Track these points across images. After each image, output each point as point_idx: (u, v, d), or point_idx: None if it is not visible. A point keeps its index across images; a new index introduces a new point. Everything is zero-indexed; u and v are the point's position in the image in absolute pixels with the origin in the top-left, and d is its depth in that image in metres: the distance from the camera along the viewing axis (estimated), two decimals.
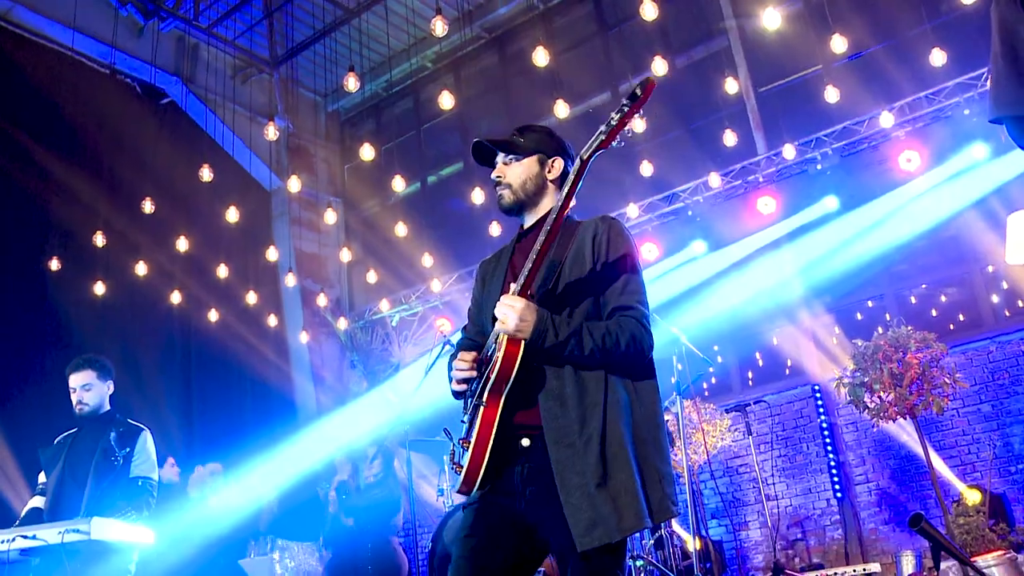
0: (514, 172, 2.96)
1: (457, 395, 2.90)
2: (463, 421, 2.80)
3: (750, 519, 10.07)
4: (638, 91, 2.55)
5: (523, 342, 2.60)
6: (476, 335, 3.04)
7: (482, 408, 2.64)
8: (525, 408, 2.68)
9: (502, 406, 2.64)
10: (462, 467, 2.68)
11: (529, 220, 3.02)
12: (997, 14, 1.76)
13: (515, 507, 2.69)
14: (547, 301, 2.73)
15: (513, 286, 2.69)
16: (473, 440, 2.64)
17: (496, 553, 2.67)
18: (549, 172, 2.99)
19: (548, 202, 2.99)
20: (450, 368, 2.91)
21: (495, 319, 2.69)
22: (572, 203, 2.77)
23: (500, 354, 2.59)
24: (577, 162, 2.66)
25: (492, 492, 2.73)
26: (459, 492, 2.73)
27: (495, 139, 2.97)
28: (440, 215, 13.42)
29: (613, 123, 2.59)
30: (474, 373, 2.76)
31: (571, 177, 2.66)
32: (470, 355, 2.81)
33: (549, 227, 2.64)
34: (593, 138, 2.62)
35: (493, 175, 2.99)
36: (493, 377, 2.61)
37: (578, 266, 2.80)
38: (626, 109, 2.57)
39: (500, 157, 2.98)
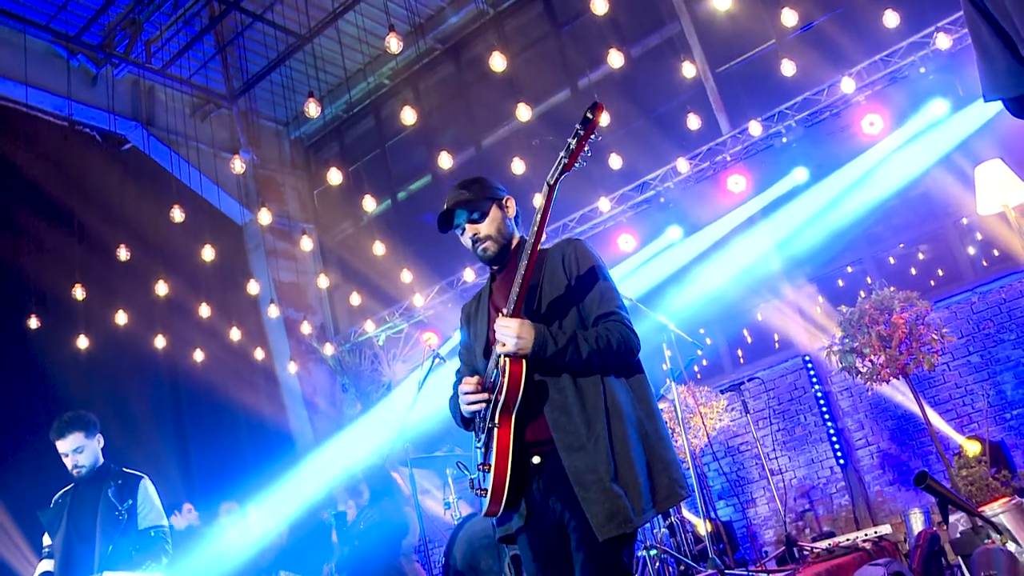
0: (486, 225, 3.15)
1: (466, 424, 3.11)
2: (478, 447, 2.97)
3: (757, 496, 10.11)
4: (589, 115, 2.74)
5: (524, 361, 2.81)
6: (470, 375, 3.18)
7: (496, 430, 2.82)
8: (532, 424, 2.87)
9: (514, 424, 2.83)
10: (486, 490, 2.85)
11: (502, 258, 3.20)
12: (966, 11, 1.79)
13: (552, 519, 2.89)
14: (534, 321, 2.90)
15: (503, 311, 2.88)
16: (493, 462, 2.82)
17: (570, 571, 2.85)
18: (508, 212, 3.22)
19: (515, 238, 3.22)
20: (451, 403, 3.18)
21: (487, 352, 2.97)
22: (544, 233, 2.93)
23: (505, 376, 2.78)
24: (545, 188, 2.86)
25: (527, 524, 2.93)
26: (487, 515, 2.92)
27: (460, 203, 3.12)
28: (414, 230, 13.40)
29: (572, 148, 2.77)
30: (485, 395, 2.92)
31: (542, 202, 2.86)
32: (474, 379, 2.98)
33: (529, 253, 2.82)
34: (556, 164, 2.82)
35: (468, 236, 3.16)
36: (502, 399, 2.79)
37: (555, 287, 3.02)
38: (581, 133, 2.75)
39: (463, 219, 3.14)
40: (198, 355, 11.43)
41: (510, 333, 2.79)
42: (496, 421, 2.81)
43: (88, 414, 5.08)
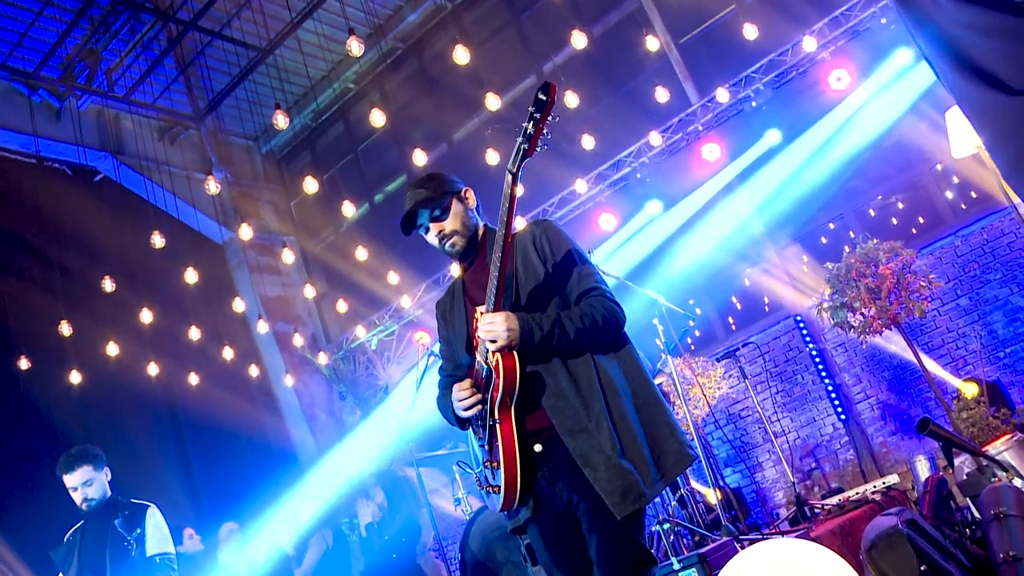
0: (451, 221, 3.10)
1: (462, 424, 3.09)
2: (482, 447, 2.95)
3: (763, 459, 10.16)
4: (542, 96, 2.69)
5: (515, 353, 2.79)
6: (454, 370, 3.22)
7: (498, 426, 2.82)
8: (531, 413, 2.87)
9: (515, 417, 2.82)
10: (498, 487, 2.85)
11: (471, 252, 3.17)
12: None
13: (560, 505, 2.89)
14: (515, 310, 2.90)
15: (482, 308, 2.87)
16: (501, 458, 2.81)
17: (584, 554, 2.87)
18: (469, 203, 3.18)
19: (480, 229, 3.19)
20: (440, 404, 3.18)
21: (469, 347, 2.98)
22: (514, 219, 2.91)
23: (500, 371, 2.76)
24: (507, 176, 2.78)
25: (535, 513, 2.94)
26: (503, 509, 2.92)
27: (420, 202, 3.07)
28: (395, 231, 13.10)
29: (530, 132, 2.72)
30: (478, 398, 2.90)
31: (506, 191, 2.78)
32: (466, 383, 2.95)
33: (502, 244, 2.77)
34: (515, 151, 2.76)
35: (434, 235, 3.11)
36: (500, 395, 2.79)
37: (531, 273, 2.99)
38: (537, 117, 2.70)
39: (425, 218, 3.10)
40: (193, 378, 11.38)
41: (498, 327, 2.76)
42: (496, 417, 2.81)
43: (94, 447, 5.07)
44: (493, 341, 2.78)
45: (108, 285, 10.02)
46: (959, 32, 1.49)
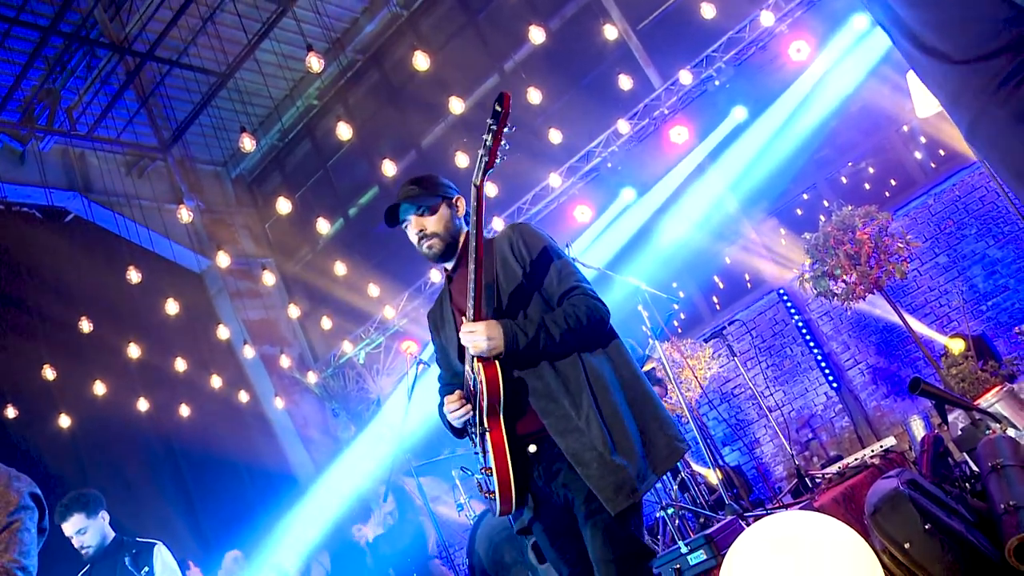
0: (434, 222, 3.10)
1: (458, 433, 3.12)
2: (476, 453, 2.97)
3: (760, 435, 10.19)
4: (498, 107, 2.73)
5: (497, 362, 2.81)
6: (451, 379, 3.23)
7: (488, 434, 2.84)
8: (522, 417, 2.89)
9: (504, 424, 2.84)
10: (494, 492, 2.86)
11: (452, 260, 3.18)
12: None
13: (557, 503, 2.91)
14: (499, 317, 2.92)
15: (465, 318, 2.87)
16: (493, 465, 2.83)
17: (582, 560, 2.89)
18: (459, 211, 3.18)
19: (462, 236, 3.18)
20: (440, 412, 3.14)
21: (462, 356, 2.95)
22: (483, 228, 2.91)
23: (483, 381, 2.78)
24: (473, 190, 2.83)
25: (536, 513, 2.96)
26: (501, 515, 2.94)
27: (409, 197, 3.08)
28: (372, 243, 13.33)
29: (489, 144, 2.75)
30: (468, 409, 2.92)
31: (473, 204, 2.83)
32: (455, 396, 2.97)
33: (474, 255, 2.80)
34: (477, 164, 2.79)
35: (414, 230, 3.11)
36: (486, 403, 2.80)
37: (512, 278, 3.00)
38: (494, 128, 2.74)
39: (410, 213, 3.10)
40: (184, 410, 11.31)
41: (478, 337, 2.78)
42: (486, 425, 2.83)
43: (89, 492, 5.01)
44: (475, 348, 2.79)
45: (85, 325, 9.93)
46: (903, 6, 1.57)
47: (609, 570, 2.71)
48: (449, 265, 3.20)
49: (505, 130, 2.75)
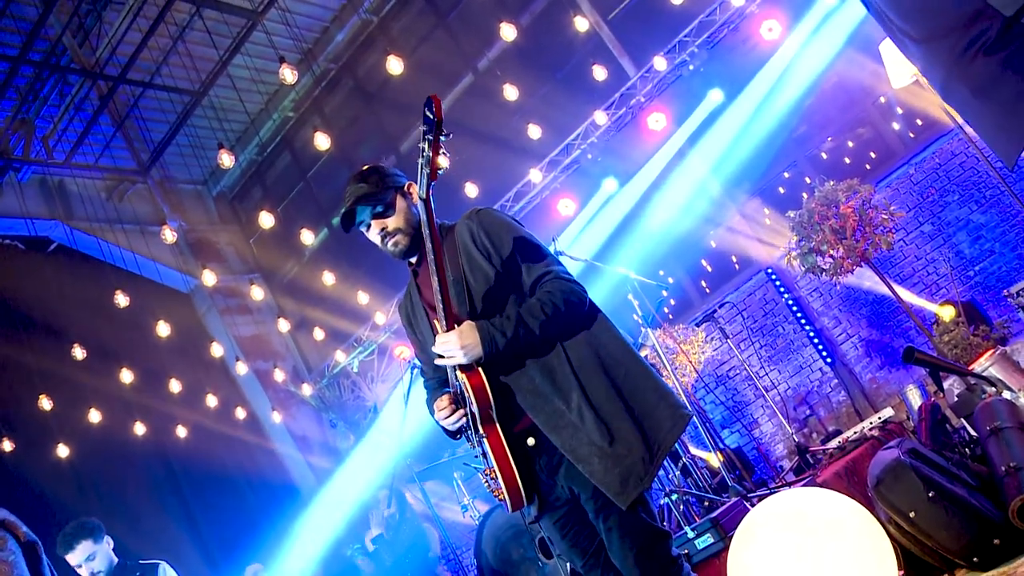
0: (394, 218, 2.96)
1: (452, 435, 2.99)
2: (477, 457, 2.91)
3: (758, 415, 10.22)
4: (428, 113, 2.56)
5: (480, 370, 2.71)
6: (433, 373, 3.13)
7: (486, 439, 2.76)
8: (516, 416, 2.81)
9: (500, 426, 2.76)
10: (502, 491, 2.79)
11: (415, 251, 3.04)
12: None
13: (563, 495, 2.84)
14: (474, 317, 2.81)
15: (439, 327, 2.76)
16: (496, 467, 2.76)
17: (595, 536, 2.84)
18: (413, 198, 3.02)
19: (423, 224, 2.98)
20: (430, 410, 3.02)
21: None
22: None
23: (469, 391, 2.70)
24: (421, 204, 2.70)
25: (542, 507, 2.88)
26: (513, 511, 2.85)
27: (361, 198, 2.93)
28: (357, 251, 13.29)
29: (428, 154, 2.61)
30: (461, 414, 2.84)
31: (424, 219, 2.70)
32: (444, 400, 2.88)
33: (435, 266, 2.67)
34: (420, 178, 2.66)
35: (376, 231, 2.98)
36: (477, 411, 2.72)
37: (479, 273, 2.86)
38: (430, 137, 2.59)
39: (366, 214, 2.96)
40: (181, 431, 11.28)
41: (452, 348, 2.69)
42: (482, 431, 2.75)
43: (90, 519, 4.99)
44: (451, 358, 2.71)
45: (78, 353, 9.89)
46: None
47: (629, 562, 2.67)
48: (413, 259, 3.07)
49: (443, 137, 2.60)
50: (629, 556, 2.66)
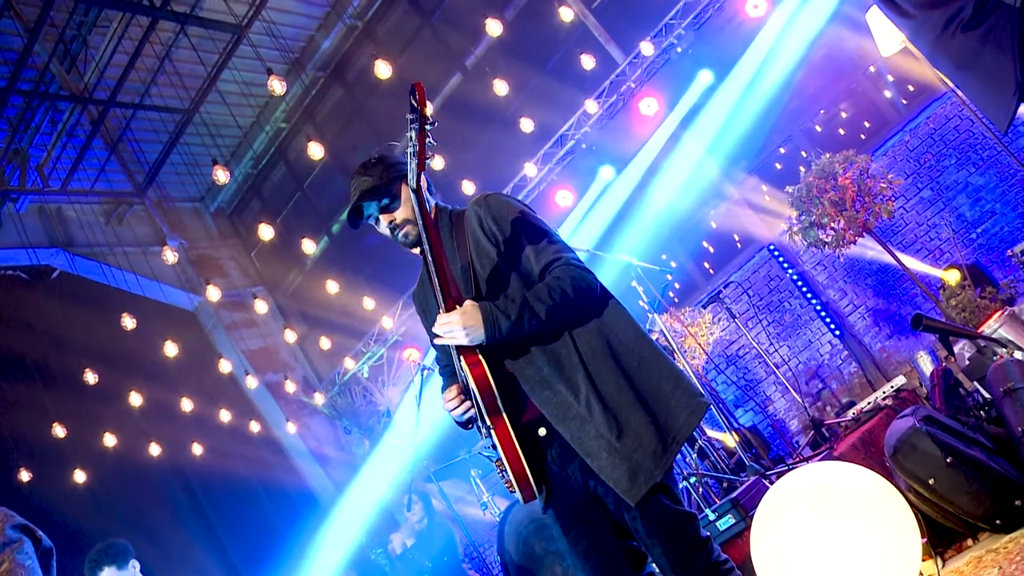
0: (401, 210, 2.90)
1: (464, 425, 2.92)
2: (487, 448, 2.85)
3: (770, 392, 10.21)
4: (413, 101, 2.54)
5: (483, 358, 2.62)
6: (448, 363, 3.02)
7: (493, 431, 2.66)
8: (524, 406, 2.74)
9: (508, 416, 2.66)
10: (512, 484, 2.72)
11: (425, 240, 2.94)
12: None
13: (575, 488, 2.76)
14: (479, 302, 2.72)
15: (440, 310, 2.68)
16: (505, 459, 2.68)
17: (604, 539, 2.75)
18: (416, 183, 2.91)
19: (432, 212, 2.98)
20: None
21: (457, 351, 2.69)
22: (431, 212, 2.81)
23: (471, 379, 2.62)
24: (412, 196, 2.68)
25: (551, 499, 2.79)
26: (527, 502, 2.77)
27: (366, 192, 2.88)
28: (359, 257, 13.32)
29: (415, 142, 2.58)
30: (468, 406, 2.78)
31: (416, 208, 2.69)
32: (452, 391, 2.83)
33: (430, 251, 2.66)
34: (409, 167, 2.64)
35: (384, 225, 2.93)
36: (483, 403, 2.63)
37: (486, 258, 2.79)
38: (416, 126, 2.56)
39: (374, 208, 2.91)
40: (197, 448, 11.30)
41: (454, 328, 2.59)
42: (489, 423, 2.66)
43: (116, 542, 4.95)
44: (452, 339, 2.62)
45: (91, 378, 9.91)
46: None
47: (658, 551, 2.61)
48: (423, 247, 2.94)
49: (428, 126, 2.57)
50: (657, 544, 2.60)
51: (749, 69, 9.84)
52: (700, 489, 5.64)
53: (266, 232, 10.40)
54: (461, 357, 2.64)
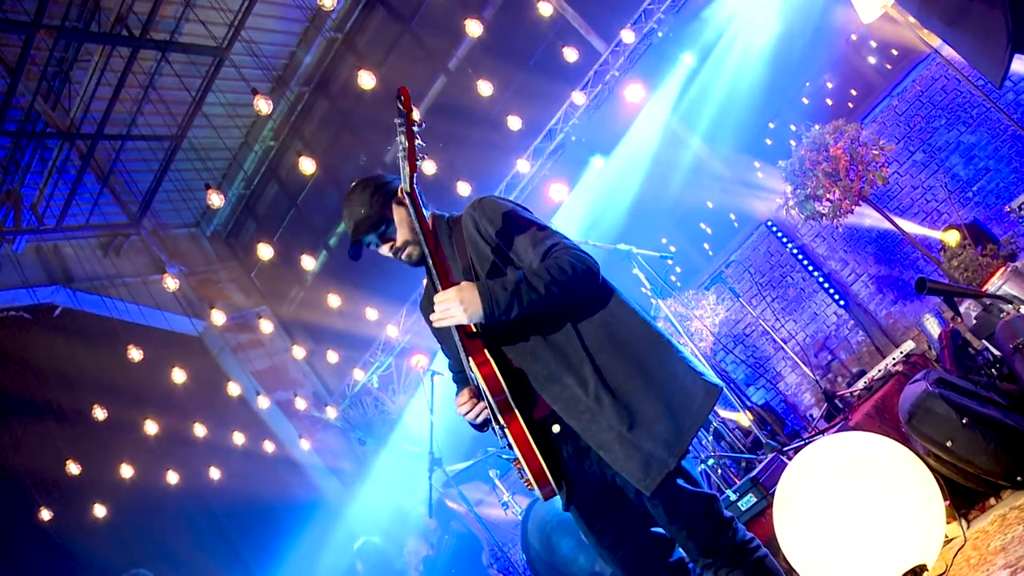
0: (400, 233, 2.92)
1: (479, 427, 2.92)
2: (503, 448, 2.87)
3: (781, 368, 10.21)
4: (399, 106, 2.60)
5: (489, 357, 2.62)
6: (460, 368, 3.02)
7: (507, 429, 2.66)
8: (535, 402, 2.74)
9: (520, 414, 2.66)
10: (531, 482, 2.71)
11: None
12: None
13: (594, 481, 2.78)
14: None
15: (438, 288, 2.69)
16: (521, 457, 2.67)
17: (629, 529, 2.77)
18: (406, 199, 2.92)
19: (429, 223, 2.97)
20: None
21: (465, 352, 2.68)
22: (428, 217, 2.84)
23: (480, 378, 2.62)
24: (406, 199, 2.73)
25: (570, 494, 2.79)
26: (546, 499, 2.78)
27: (361, 224, 2.89)
28: (359, 269, 13.29)
29: (404, 145, 2.64)
30: (481, 407, 2.79)
31: (411, 211, 2.73)
32: (464, 396, 2.85)
33: (427, 247, 2.71)
34: (401, 171, 2.69)
35: (386, 251, 2.96)
36: (494, 401, 2.63)
37: (485, 261, 2.81)
38: (403, 129, 2.62)
39: (373, 238, 2.92)
40: (214, 473, 11.31)
41: (451, 303, 2.59)
42: (502, 421, 2.66)
43: (139, 573, 4.99)
44: (451, 317, 2.61)
45: (99, 413, 9.92)
46: None
47: (683, 535, 2.63)
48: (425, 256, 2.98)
49: (416, 128, 2.61)
50: (681, 529, 2.62)
51: (731, 47, 9.84)
52: (719, 471, 5.65)
53: (264, 251, 10.40)
54: (470, 358, 2.64)
